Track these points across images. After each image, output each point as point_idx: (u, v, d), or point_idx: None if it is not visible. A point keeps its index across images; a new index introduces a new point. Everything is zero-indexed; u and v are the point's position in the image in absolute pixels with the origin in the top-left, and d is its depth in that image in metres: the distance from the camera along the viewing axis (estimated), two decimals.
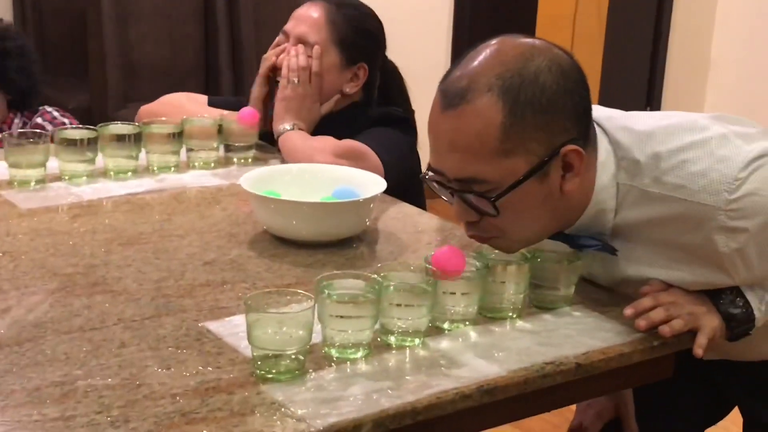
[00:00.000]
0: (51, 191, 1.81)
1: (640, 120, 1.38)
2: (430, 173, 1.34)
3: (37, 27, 4.13)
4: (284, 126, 2.01)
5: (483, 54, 1.30)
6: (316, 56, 2.01)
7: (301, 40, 2.03)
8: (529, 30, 4.87)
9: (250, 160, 2.07)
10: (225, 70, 4.08)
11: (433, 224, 1.78)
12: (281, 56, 2.06)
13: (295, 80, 2.01)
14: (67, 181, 1.86)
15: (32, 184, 1.82)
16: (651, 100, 5.29)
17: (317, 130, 2.04)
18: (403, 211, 1.82)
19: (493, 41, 1.32)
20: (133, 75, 3.87)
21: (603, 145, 1.35)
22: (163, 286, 1.43)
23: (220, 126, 2.04)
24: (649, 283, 1.37)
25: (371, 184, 1.69)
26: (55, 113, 2.78)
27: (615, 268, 1.41)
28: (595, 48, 5.20)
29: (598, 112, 1.39)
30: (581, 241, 1.37)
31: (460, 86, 1.28)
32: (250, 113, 2.06)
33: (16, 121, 2.79)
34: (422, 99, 2.13)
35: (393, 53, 2.20)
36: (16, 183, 1.82)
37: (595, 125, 1.36)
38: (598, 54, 5.21)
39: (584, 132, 1.31)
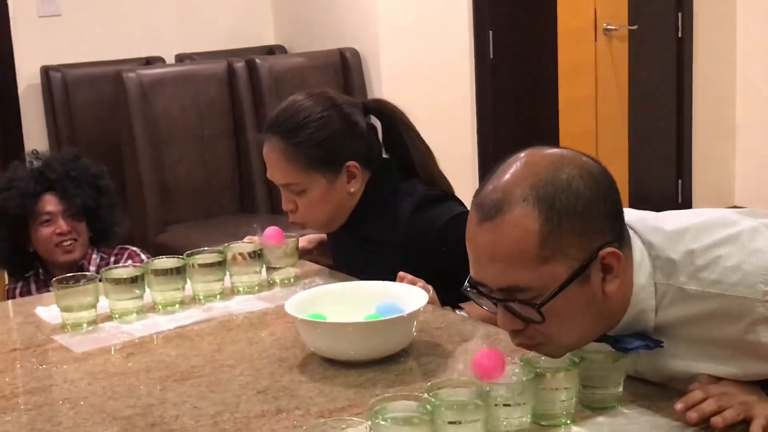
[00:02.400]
0: (103, 332, 1.86)
1: (671, 219, 1.41)
2: (471, 285, 1.37)
3: None
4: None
5: (514, 167, 1.34)
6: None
7: (286, 187, 2.04)
8: (553, 115, 4.94)
9: (292, 279, 2.11)
10: (258, 184, 4.17)
11: (477, 331, 1.80)
12: None
13: None
14: (117, 319, 1.91)
15: (84, 326, 1.87)
16: (681, 173, 5.30)
17: (355, 231, 2.07)
18: (447, 319, 1.85)
19: (522, 154, 1.37)
20: (169, 198, 3.97)
21: (637, 245, 1.38)
22: (219, 420, 1.46)
23: (261, 250, 2.09)
24: (698, 379, 1.37)
25: (413, 296, 1.72)
26: (142, 255, 2.91)
27: (662, 364, 1.42)
28: (620, 127, 5.25)
29: (629, 215, 1.42)
30: (625, 344, 1.39)
31: (495, 198, 1.32)
32: (274, 232, 2.10)
33: (94, 256, 2.89)
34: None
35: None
36: (69, 327, 1.87)
37: (627, 227, 1.39)
38: (624, 132, 5.26)
39: (619, 234, 1.35)
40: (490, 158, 4.53)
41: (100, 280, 1.91)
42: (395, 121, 2.13)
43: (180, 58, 4.55)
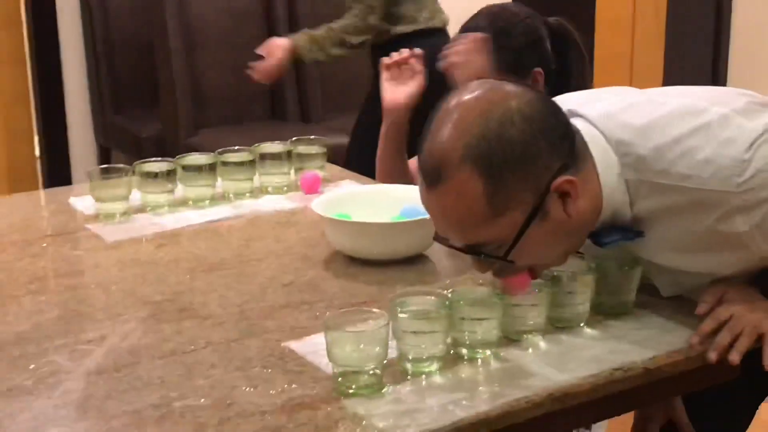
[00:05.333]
0: (135, 223, 1.91)
1: (639, 111, 1.38)
2: (436, 238, 1.38)
3: (108, 60, 4.29)
4: None
5: (445, 125, 1.30)
6: None
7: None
8: (589, 33, 4.88)
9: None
10: (289, 92, 4.19)
11: None
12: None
13: None
14: (149, 212, 1.96)
15: (117, 216, 1.92)
16: None
17: None
18: None
19: (452, 103, 1.32)
20: (201, 102, 4.00)
21: (601, 146, 1.36)
22: (245, 309, 1.51)
23: (290, 151, 2.13)
24: (702, 299, 1.39)
25: None
26: None
27: (645, 259, 1.43)
28: (656, 49, 5.18)
29: (591, 110, 1.40)
30: (602, 237, 1.39)
31: (433, 164, 1.30)
32: (312, 179, 2.10)
33: None
34: None
35: None
36: (101, 216, 1.92)
37: (586, 124, 1.37)
38: (660, 55, 5.20)
39: (567, 155, 1.32)
40: None
41: (133, 173, 1.96)
42: (570, 48, 2.09)
43: None
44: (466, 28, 2.03)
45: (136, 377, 1.30)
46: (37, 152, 4.47)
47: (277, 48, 3.07)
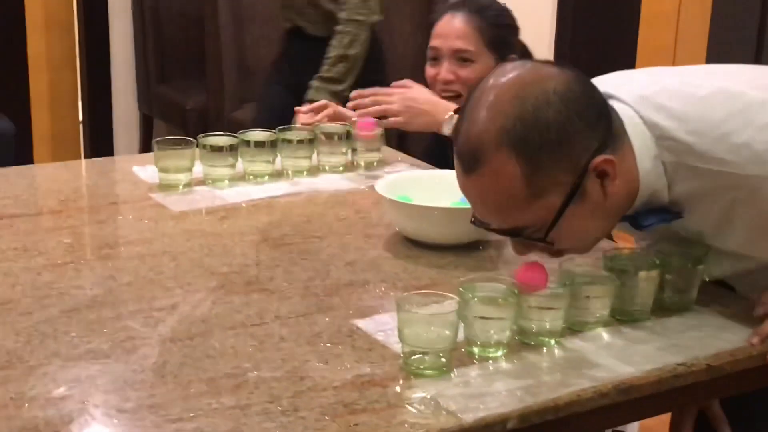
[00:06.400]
0: (197, 194, 1.94)
1: (675, 94, 1.38)
2: (475, 221, 1.40)
3: (156, 31, 4.32)
4: None
5: (481, 108, 1.31)
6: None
7: (457, 53, 2.15)
8: (633, 26, 4.87)
9: (375, 163, 2.17)
10: None
11: None
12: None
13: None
14: (211, 184, 1.99)
15: (180, 187, 1.96)
16: None
17: None
18: None
19: (488, 84, 1.33)
20: (247, 76, 4.02)
21: (638, 129, 1.36)
22: (311, 285, 1.54)
23: (348, 132, 2.15)
24: (761, 301, 1.41)
25: None
26: None
27: (686, 241, 1.44)
28: (700, 44, 5.16)
29: (628, 93, 1.39)
30: (641, 221, 1.40)
31: (470, 149, 1.31)
32: (367, 123, 2.16)
33: None
34: None
35: None
36: (164, 186, 1.96)
37: (623, 106, 1.38)
38: (703, 50, 5.18)
39: (605, 135, 1.32)
40: None
41: (197, 146, 1.99)
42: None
43: None
44: (452, 5, 2.20)
45: (210, 346, 1.33)
46: (80, 118, 4.52)
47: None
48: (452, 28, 2.18)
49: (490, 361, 1.31)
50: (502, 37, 2.18)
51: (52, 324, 1.37)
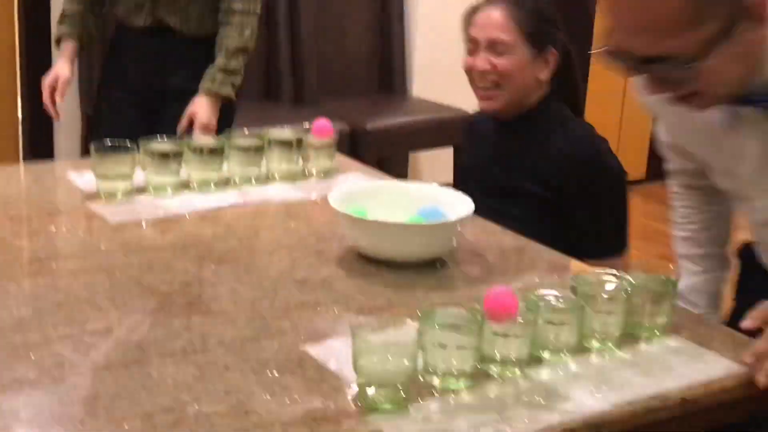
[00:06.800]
0: (138, 204, 1.83)
1: None
2: (610, 52, 1.30)
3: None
4: None
5: None
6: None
7: (493, 43, 2.07)
8: None
9: (328, 172, 2.07)
10: (285, 72, 4.12)
11: (517, 244, 1.78)
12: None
13: None
14: (152, 193, 1.87)
15: (119, 196, 1.84)
16: None
17: (520, 130, 2.10)
18: (486, 229, 1.82)
19: None
20: None
21: None
22: (258, 306, 1.44)
23: (300, 139, 2.05)
24: (750, 315, 1.35)
25: (457, 203, 1.69)
26: None
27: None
28: None
29: None
30: (753, 97, 1.34)
31: None
32: (323, 125, 2.07)
33: None
34: None
35: None
36: (103, 195, 1.84)
37: None
38: None
39: None
40: None
41: (138, 151, 1.87)
42: (571, 57, 2.17)
43: None
44: None
45: (146, 375, 1.22)
46: (19, 115, 4.35)
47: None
48: (490, 19, 2.10)
49: (452, 394, 1.22)
50: (541, 30, 2.10)
51: None
